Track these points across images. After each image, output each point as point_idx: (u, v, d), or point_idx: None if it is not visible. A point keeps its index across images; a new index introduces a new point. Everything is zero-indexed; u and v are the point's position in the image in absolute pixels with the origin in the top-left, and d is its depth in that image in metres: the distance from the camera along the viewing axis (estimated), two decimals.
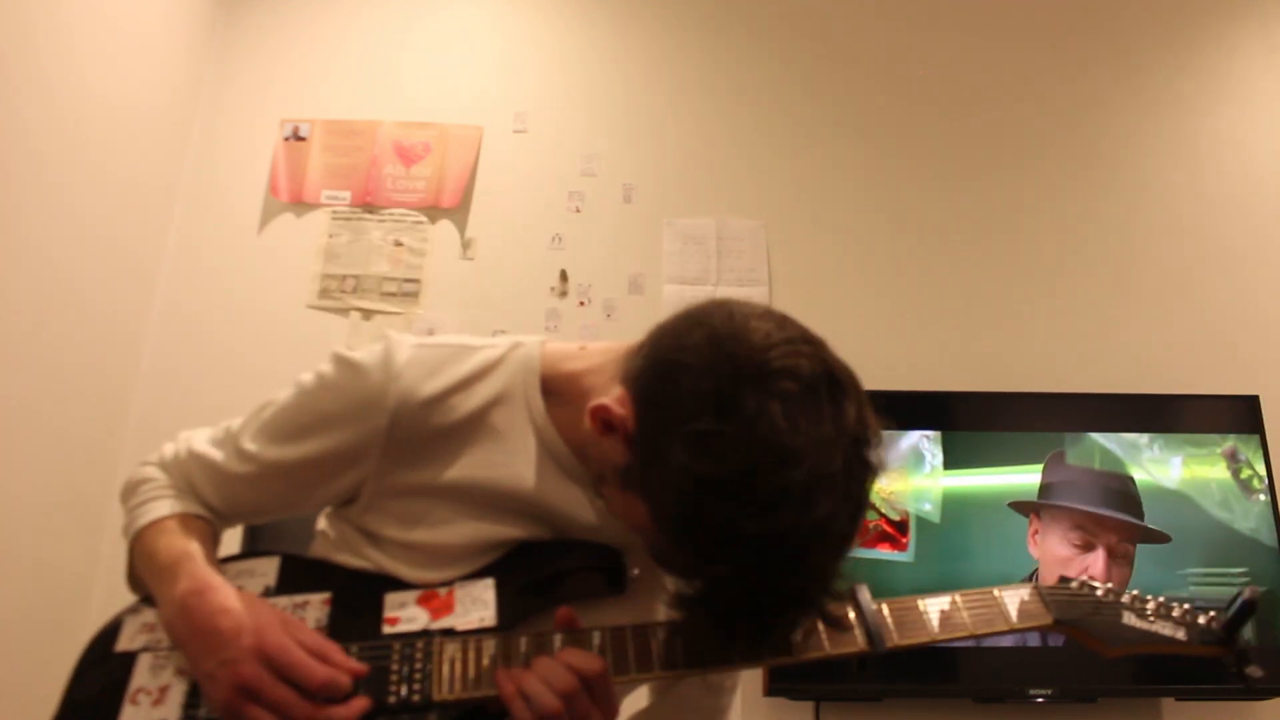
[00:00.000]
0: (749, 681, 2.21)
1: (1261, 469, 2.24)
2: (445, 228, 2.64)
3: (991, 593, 0.96)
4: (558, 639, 0.87)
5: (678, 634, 0.88)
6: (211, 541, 0.98)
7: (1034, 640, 2.12)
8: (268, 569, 0.96)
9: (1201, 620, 0.97)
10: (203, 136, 2.73)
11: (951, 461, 2.26)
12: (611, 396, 0.85)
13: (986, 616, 0.94)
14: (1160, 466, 2.25)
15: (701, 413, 0.77)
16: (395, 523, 0.95)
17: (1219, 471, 2.25)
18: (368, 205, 2.65)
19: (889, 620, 0.92)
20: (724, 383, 0.77)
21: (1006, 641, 2.12)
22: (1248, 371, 2.47)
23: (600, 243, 2.62)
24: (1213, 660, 0.98)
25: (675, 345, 0.83)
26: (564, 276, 2.59)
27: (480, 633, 0.88)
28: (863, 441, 0.79)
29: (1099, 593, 0.98)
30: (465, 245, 2.63)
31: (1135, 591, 1.00)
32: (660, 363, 0.83)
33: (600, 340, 1.00)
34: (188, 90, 2.69)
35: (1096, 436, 2.27)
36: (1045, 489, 2.22)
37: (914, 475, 2.26)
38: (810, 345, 0.82)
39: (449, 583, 0.92)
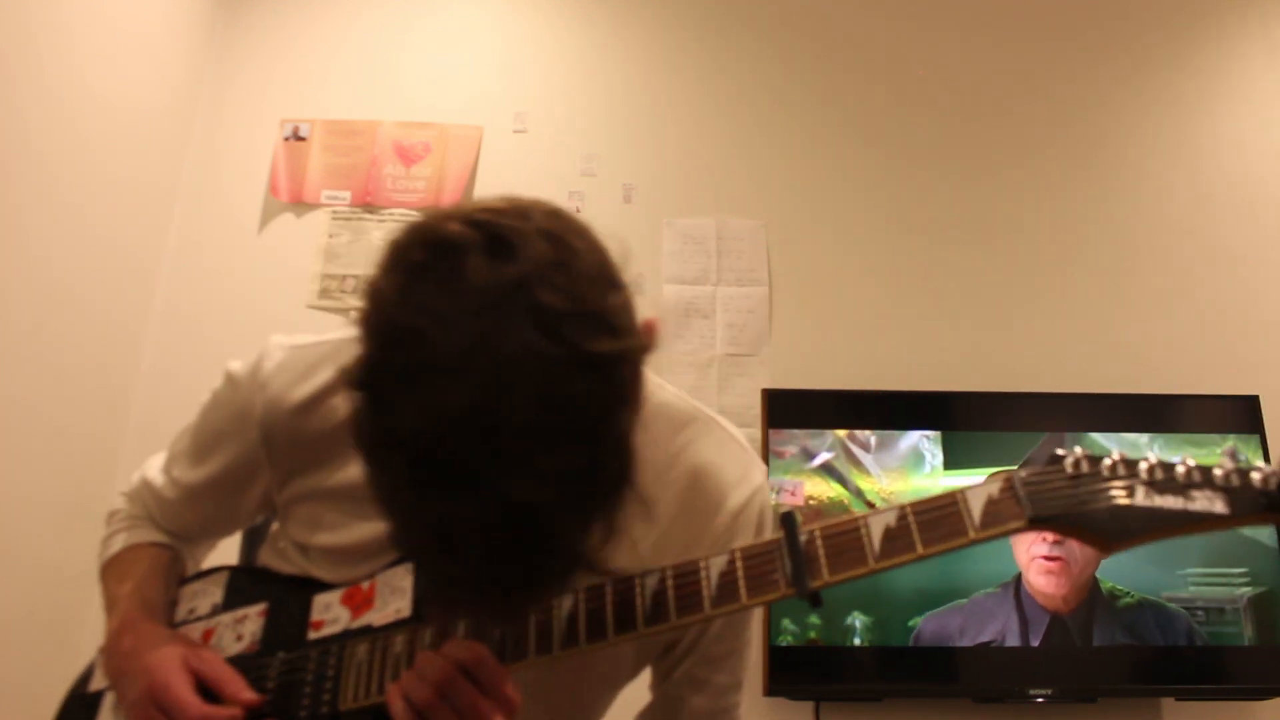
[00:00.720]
0: (749, 680, 2.21)
1: None
2: None
3: (952, 496, 0.75)
4: (461, 626, 0.80)
5: (583, 605, 0.78)
6: (165, 569, 0.99)
7: (1035, 640, 2.12)
8: (215, 587, 0.96)
9: (1256, 480, 0.69)
10: (203, 136, 2.73)
11: (951, 461, 2.26)
12: None
13: (942, 530, 0.73)
14: None
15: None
16: (305, 528, 0.94)
17: None
18: (368, 205, 2.65)
19: (820, 550, 0.75)
20: (369, 274, 0.65)
21: (1007, 641, 2.12)
22: (1248, 371, 2.47)
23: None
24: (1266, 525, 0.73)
25: None
26: None
27: (391, 628, 0.84)
28: (553, 312, 0.60)
29: (1103, 468, 0.72)
30: None
31: (1156, 458, 0.71)
32: None
33: None
34: (188, 90, 2.69)
35: (1096, 436, 2.27)
36: None
37: (914, 475, 2.26)
38: (491, 212, 0.65)
39: (372, 574, 0.89)
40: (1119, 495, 0.71)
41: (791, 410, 2.30)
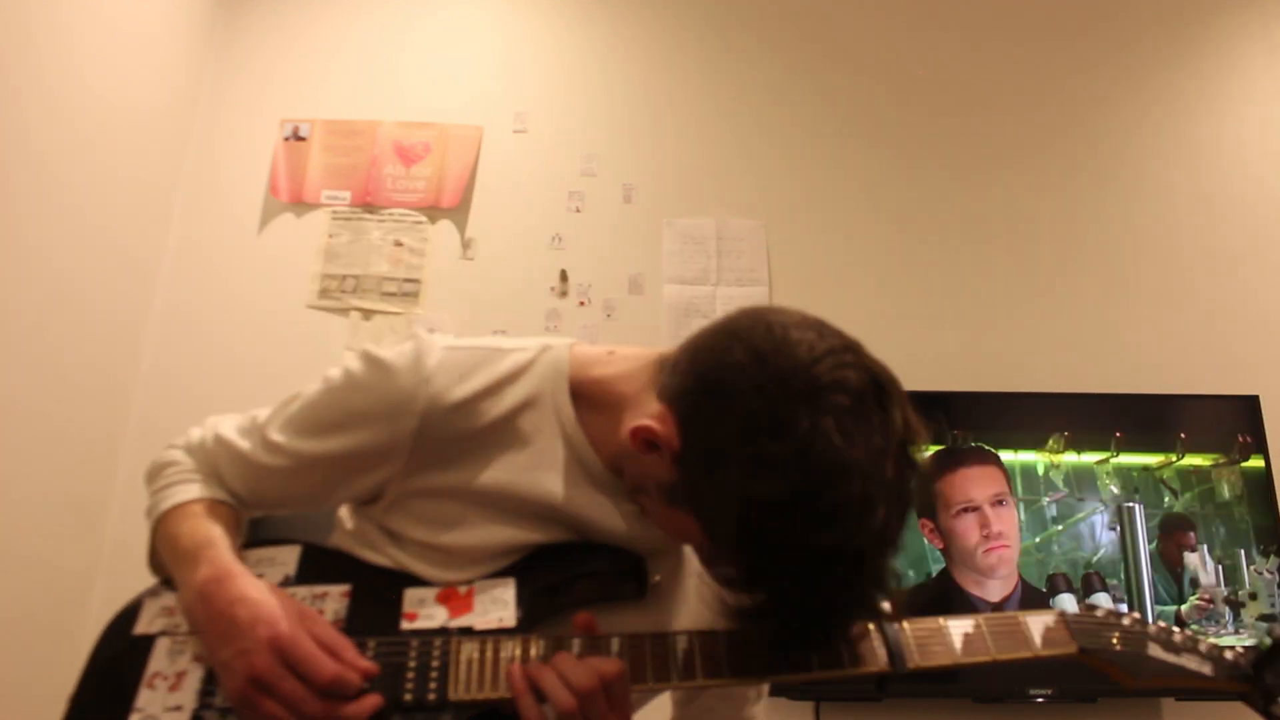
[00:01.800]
0: None
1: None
2: (445, 228, 2.64)
3: (1016, 617, 0.95)
4: (576, 643, 0.86)
5: (698, 644, 0.88)
6: (235, 528, 0.97)
7: None
8: (288, 558, 0.95)
9: (1229, 655, 0.96)
10: (203, 136, 2.73)
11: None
12: (651, 414, 0.85)
13: (1010, 642, 0.93)
14: None
15: (755, 434, 0.77)
16: (418, 523, 0.94)
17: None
18: (368, 205, 2.65)
19: (910, 639, 0.90)
20: (775, 403, 0.77)
21: None
22: (1248, 371, 2.47)
23: (600, 243, 2.62)
24: (1238, 696, 0.97)
25: (718, 363, 0.83)
26: (564, 276, 2.59)
27: (499, 633, 0.88)
28: (909, 443, 0.80)
29: (1125, 621, 0.97)
30: (465, 245, 2.63)
31: (1162, 623, 0.99)
32: (704, 381, 0.83)
33: (621, 343, 1.00)
34: (188, 90, 2.69)
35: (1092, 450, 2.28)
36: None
37: None
38: (853, 354, 0.82)
39: (469, 581, 0.92)
40: (1136, 644, 0.95)
41: None
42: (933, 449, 2.25)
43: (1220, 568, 2.19)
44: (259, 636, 0.82)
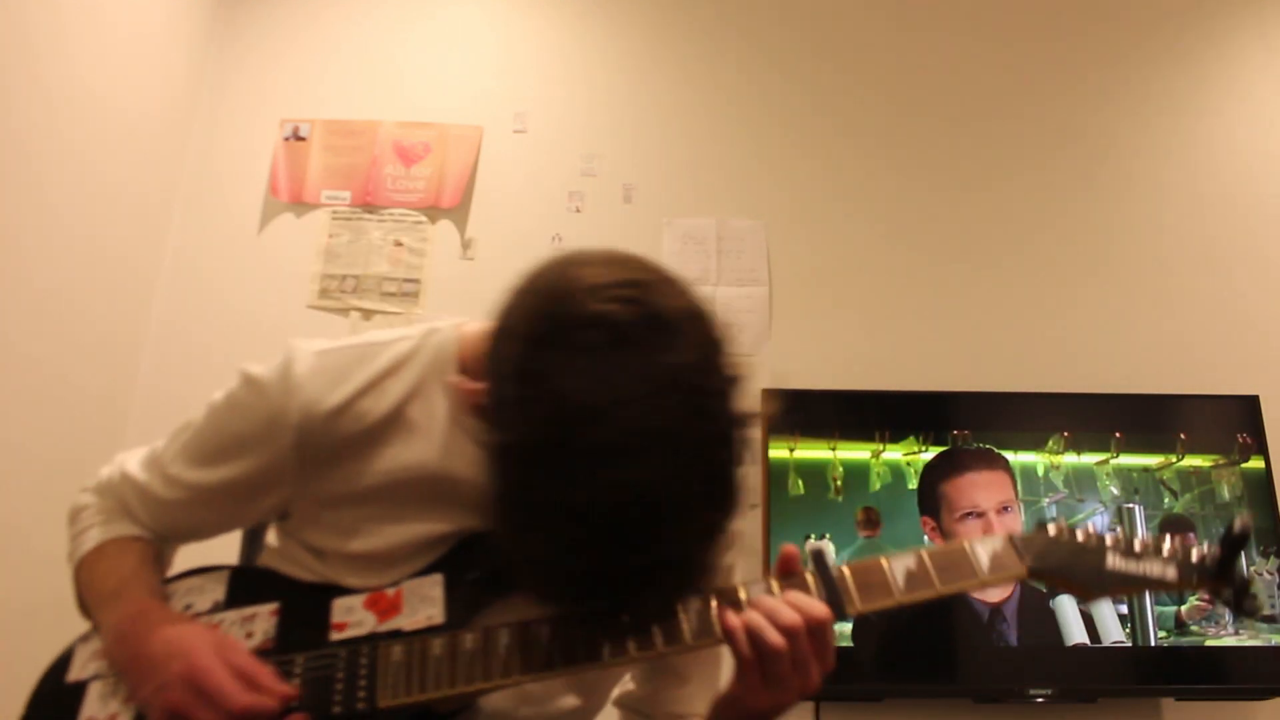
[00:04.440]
0: None
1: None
2: (445, 228, 2.64)
3: (961, 546, 0.88)
4: (505, 633, 0.83)
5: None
6: (154, 562, 0.97)
7: (1034, 640, 2.12)
8: (217, 583, 0.95)
9: (1195, 556, 0.89)
10: (202, 136, 2.73)
11: None
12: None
13: (955, 573, 0.86)
14: None
15: (501, 379, 0.72)
16: (329, 534, 0.92)
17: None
18: (368, 205, 2.65)
19: (850, 584, 0.84)
20: (528, 344, 0.71)
21: (1007, 641, 2.12)
22: (1248, 371, 2.47)
23: (600, 243, 2.58)
24: (1214, 594, 0.91)
25: (505, 310, 0.78)
26: None
27: (427, 632, 0.86)
28: (706, 392, 0.69)
29: (1079, 536, 0.90)
30: (465, 245, 2.63)
31: (1120, 532, 0.93)
32: (493, 329, 0.78)
33: None
34: (188, 90, 2.69)
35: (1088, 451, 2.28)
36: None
37: None
38: (638, 288, 0.72)
39: (397, 582, 0.90)
40: (1094, 557, 0.89)
41: (792, 410, 2.30)
42: (935, 449, 2.25)
43: None
44: (173, 672, 0.80)
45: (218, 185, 2.68)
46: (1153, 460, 2.26)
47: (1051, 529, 0.90)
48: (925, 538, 2.20)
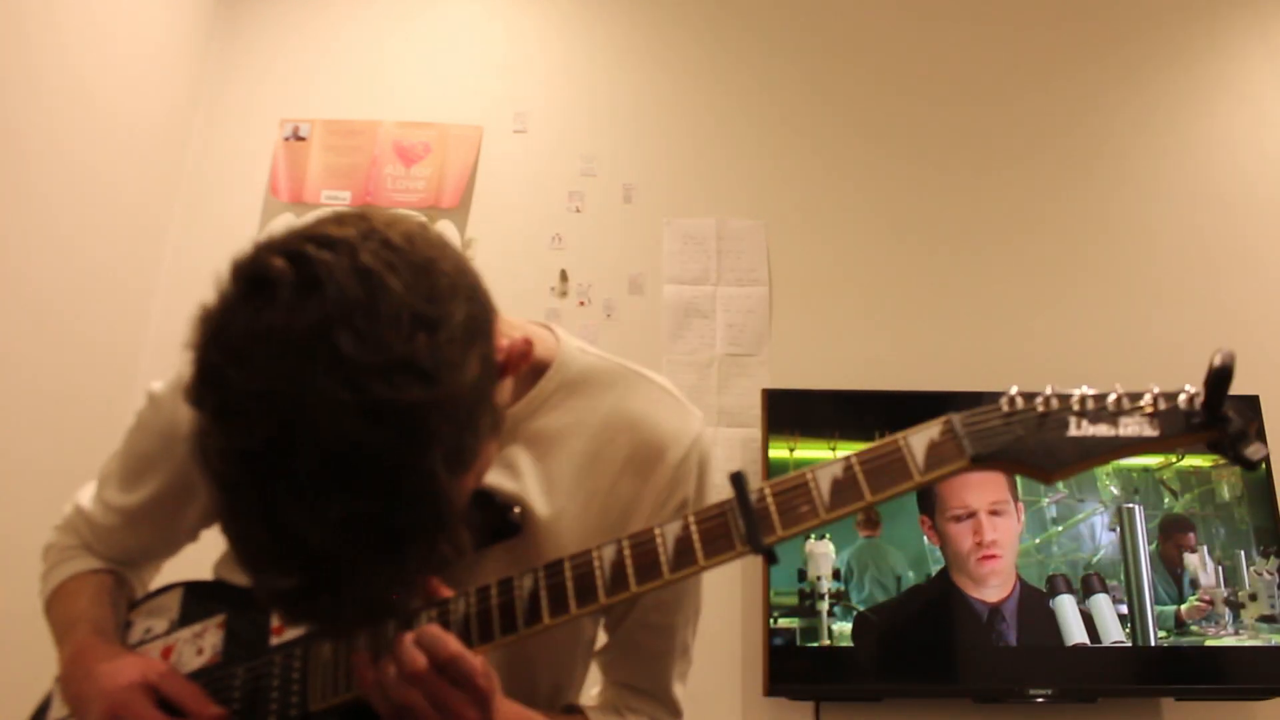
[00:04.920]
0: (750, 681, 2.21)
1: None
2: (445, 228, 2.64)
3: (895, 442, 0.77)
4: (424, 615, 0.79)
5: (546, 581, 0.79)
6: (110, 593, 0.98)
7: (1034, 640, 2.12)
8: (172, 602, 0.95)
9: (1182, 402, 0.75)
10: (202, 137, 2.73)
11: None
12: None
13: (888, 476, 0.76)
14: None
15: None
16: None
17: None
18: (368, 205, 2.65)
19: (772, 507, 0.76)
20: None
21: (1006, 641, 2.12)
22: (1248, 371, 2.45)
23: (600, 243, 2.62)
24: (1209, 446, 0.75)
25: None
26: (564, 276, 2.59)
27: None
28: (334, 361, 0.59)
29: (1037, 404, 0.76)
30: (465, 245, 2.63)
31: (1089, 390, 0.77)
32: None
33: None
34: (187, 90, 2.69)
35: None
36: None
37: None
38: (316, 242, 0.63)
39: None
40: (1054, 428, 0.75)
41: (791, 410, 2.31)
42: None
43: (1220, 569, 2.19)
44: (100, 711, 0.82)
45: (218, 185, 2.68)
46: (1152, 460, 2.26)
47: (1004, 403, 0.77)
48: (925, 538, 2.20)
